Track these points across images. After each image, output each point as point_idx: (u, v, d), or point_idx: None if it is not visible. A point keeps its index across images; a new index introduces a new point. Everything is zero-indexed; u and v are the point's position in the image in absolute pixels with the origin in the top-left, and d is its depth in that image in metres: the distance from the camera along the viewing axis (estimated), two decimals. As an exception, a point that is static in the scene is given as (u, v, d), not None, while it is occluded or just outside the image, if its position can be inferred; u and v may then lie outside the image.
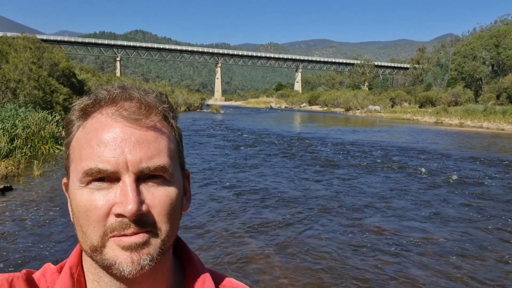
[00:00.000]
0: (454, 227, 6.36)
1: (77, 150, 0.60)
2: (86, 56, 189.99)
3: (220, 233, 5.74)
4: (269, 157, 13.24)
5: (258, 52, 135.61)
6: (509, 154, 15.68)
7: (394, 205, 7.64)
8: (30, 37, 24.93)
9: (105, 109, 0.61)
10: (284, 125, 31.97)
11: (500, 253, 5.29)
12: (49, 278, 0.65)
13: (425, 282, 4.38)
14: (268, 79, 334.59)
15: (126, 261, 0.57)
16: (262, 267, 4.68)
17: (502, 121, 33.64)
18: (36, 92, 16.92)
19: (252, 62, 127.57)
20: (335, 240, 5.62)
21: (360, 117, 50.17)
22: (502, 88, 44.46)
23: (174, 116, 0.66)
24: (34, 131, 11.95)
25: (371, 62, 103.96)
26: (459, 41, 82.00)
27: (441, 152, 15.84)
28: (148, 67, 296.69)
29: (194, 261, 0.71)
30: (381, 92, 68.99)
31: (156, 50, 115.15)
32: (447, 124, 36.48)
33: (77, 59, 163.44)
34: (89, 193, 0.58)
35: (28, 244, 5.01)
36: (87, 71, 36.17)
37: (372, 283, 4.36)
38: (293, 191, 8.50)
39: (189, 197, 0.70)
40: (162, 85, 62.99)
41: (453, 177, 10.29)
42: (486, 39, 52.40)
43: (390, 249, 5.34)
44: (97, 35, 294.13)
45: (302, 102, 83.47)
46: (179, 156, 0.65)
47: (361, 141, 19.45)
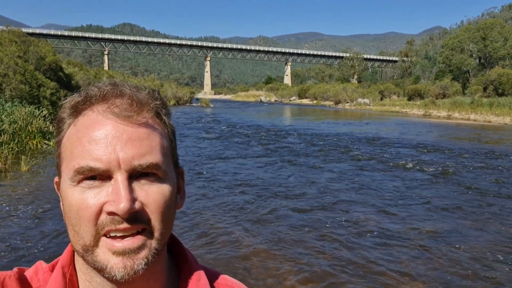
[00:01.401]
0: (442, 217, 6.45)
1: (68, 148, 0.60)
2: (73, 50, 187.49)
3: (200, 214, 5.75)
4: (260, 151, 13.27)
5: (248, 45, 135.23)
6: (496, 145, 15.91)
7: (381, 195, 7.72)
8: (16, 31, 24.48)
9: (96, 106, 0.60)
10: (274, 119, 31.99)
11: (493, 241, 5.39)
12: (41, 277, 0.64)
13: (416, 273, 4.45)
14: (258, 72, 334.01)
15: (118, 266, 0.56)
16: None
17: (489, 113, 34.06)
18: (22, 87, 16.67)
19: (242, 56, 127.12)
20: (331, 235, 5.67)
21: (349, 110, 50.39)
22: (489, 80, 44.96)
23: (166, 112, 0.65)
24: (21, 126, 11.79)
25: (361, 55, 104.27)
26: (446, 34, 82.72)
27: (429, 144, 16.01)
28: (137, 60, 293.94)
29: (189, 259, 0.70)
30: (370, 85, 69.28)
31: (145, 43, 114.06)
32: (435, 117, 36.85)
33: (64, 52, 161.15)
34: (81, 192, 0.57)
35: (16, 241, 4.97)
36: (75, 65, 35.65)
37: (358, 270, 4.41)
38: (267, 180, 8.54)
39: (183, 195, 0.69)
40: (151, 79, 62.41)
41: (439, 168, 10.41)
42: (473, 31, 52.85)
43: (374, 239, 5.41)
44: (84, 28, 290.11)
45: (291, 95, 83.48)
46: (172, 153, 0.64)
47: (350, 133, 19.55)
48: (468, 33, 53.12)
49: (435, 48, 74.96)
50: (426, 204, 7.27)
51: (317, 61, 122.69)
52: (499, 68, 47.52)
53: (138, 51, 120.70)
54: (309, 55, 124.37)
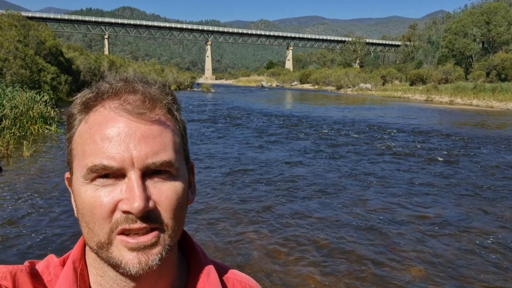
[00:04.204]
0: (444, 202, 6.48)
1: (80, 145, 0.59)
2: (73, 34, 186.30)
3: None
4: (268, 136, 13.27)
5: (249, 30, 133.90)
6: (497, 130, 15.88)
7: (382, 181, 7.74)
8: (15, 14, 24.24)
9: (108, 102, 0.60)
10: (276, 104, 31.89)
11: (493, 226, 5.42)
12: (52, 271, 0.65)
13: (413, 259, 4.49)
14: (259, 57, 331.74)
15: (133, 262, 0.57)
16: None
17: (491, 99, 33.92)
18: (23, 71, 16.61)
19: (243, 40, 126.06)
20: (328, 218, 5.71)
21: (351, 95, 50.19)
22: (492, 65, 44.65)
23: (178, 108, 0.65)
24: (22, 111, 11.78)
25: (363, 39, 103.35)
26: (450, 18, 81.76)
27: (433, 129, 15.99)
28: (137, 45, 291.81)
29: (198, 254, 0.71)
30: (372, 70, 68.90)
31: (145, 27, 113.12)
32: (437, 102, 36.70)
33: (63, 37, 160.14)
34: (94, 190, 0.57)
35: (23, 228, 4.99)
36: (75, 50, 35.36)
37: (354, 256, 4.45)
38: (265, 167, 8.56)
39: (194, 190, 0.70)
40: (151, 63, 61.95)
41: (442, 154, 10.41)
42: (477, 16, 52.24)
43: (376, 223, 5.44)
44: (83, 12, 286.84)
45: (293, 80, 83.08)
46: (183, 149, 0.65)
47: (351, 118, 19.51)
48: (471, 17, 52.53)
49: (438, 33, 74.33)
50: (434, 188, 7.29)
51: (319, 46, 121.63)
52: (503, 53, 47.12)
53: (138, 35, 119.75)
54: (311, 39, 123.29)
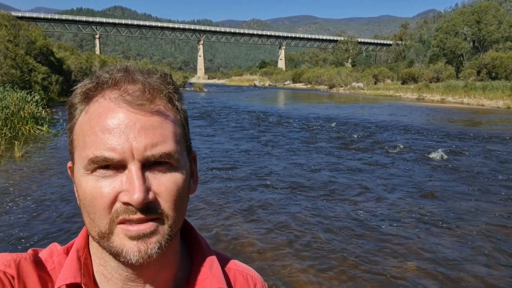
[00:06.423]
0: (436, 199, 6.53)
1: (81, 136, 0.60)
2: (64, 34, 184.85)
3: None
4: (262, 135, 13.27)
5: (241, 29, 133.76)
6: (488, 127, 16.03)
7: (372, 180, 7.78)
8: (5, 14, 24.00)
9: (107, 93, 0.59)
10: (269, 103, 31.90)
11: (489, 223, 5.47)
12: (55, 259, 0.65)
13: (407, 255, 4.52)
14: (251, 56, 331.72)
15: (133, 250, 0.57)
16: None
17: (482, 97, 34.21)
18: (13, 71, 16.45)
19: (235, 39, 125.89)
20: (318, 215, 5.72)
21: (343, 94, 50.34)
22: (483, 64, 45.04)
23: (179, 98, 0.65)
24: (13, 111, 11.67)
25: (355, 38, 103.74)
26: (441, 17, 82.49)
27: (424, 127, 16.10)
28: (129, 44, 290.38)
29: (201, 244, 0.71)
30: (364, 69, 69.15)
31: (136, 27, 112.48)
32: (429, 100, 36.96)
33: (54, 36, 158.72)
34: (95, 181, 0.57)
35: (16, 228, 4.95)
36: (66, 49, 35.06)
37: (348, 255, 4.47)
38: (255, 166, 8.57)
39: (196, 179, 0.70)
40: (143, 63, 61.74)
41: (435, 151, 10.48)
42: (467, 15, 52.66)
43: (370, 221, 5.47)
44: (74, 11, 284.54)
45: (285, 79, 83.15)
46: (185, 139, 0.64)
47: (344, 117, 19.58)
48: (462, 16, 52.95)
49: (429, 32, 74.84)
50: (423, 186, 7.34)
51: (311, 45, 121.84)
52: (493, 51, 47.56)
53: (130, 34, 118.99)
54: (303, 38, 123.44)
